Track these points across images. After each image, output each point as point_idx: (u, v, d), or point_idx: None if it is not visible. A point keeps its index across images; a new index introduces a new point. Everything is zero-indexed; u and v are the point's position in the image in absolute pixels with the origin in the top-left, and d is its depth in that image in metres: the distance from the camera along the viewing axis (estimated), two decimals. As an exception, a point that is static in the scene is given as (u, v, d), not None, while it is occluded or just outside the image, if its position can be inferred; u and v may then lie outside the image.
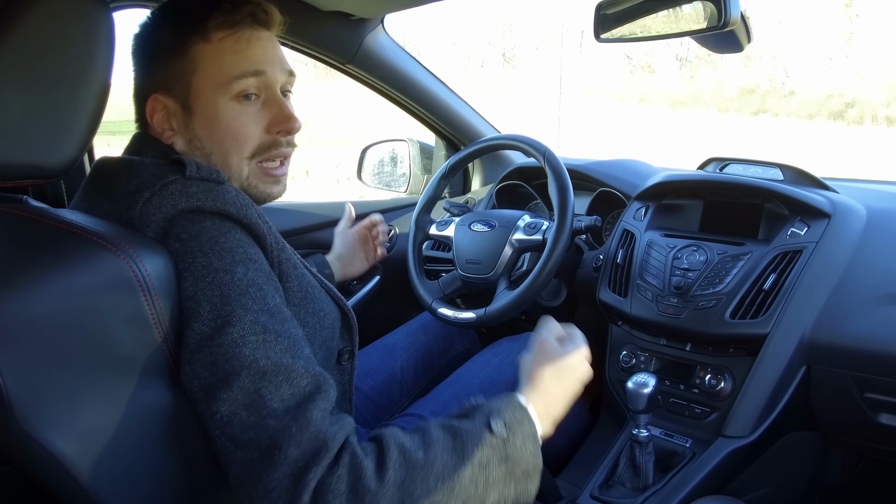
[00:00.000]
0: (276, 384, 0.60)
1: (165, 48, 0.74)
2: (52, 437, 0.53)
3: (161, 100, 0.75)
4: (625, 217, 1.32)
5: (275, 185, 0.81)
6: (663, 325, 1.16)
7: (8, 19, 0.57)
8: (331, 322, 0.81)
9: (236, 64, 0.74)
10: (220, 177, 0.71)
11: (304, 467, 0.57)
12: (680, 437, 1.12)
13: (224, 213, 0.67)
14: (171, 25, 0.75)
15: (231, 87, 0.74)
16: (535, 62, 22.43)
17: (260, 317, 0.63)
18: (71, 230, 0.60)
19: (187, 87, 0.75)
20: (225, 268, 0.64)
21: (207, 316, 0.62)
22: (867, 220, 1.13)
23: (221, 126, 0.75)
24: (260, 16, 0.76)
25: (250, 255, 0.67)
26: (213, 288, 0.63)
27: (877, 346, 0.97)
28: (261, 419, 0.58)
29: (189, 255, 0.64)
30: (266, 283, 0.67)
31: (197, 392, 0.61)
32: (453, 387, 1.12)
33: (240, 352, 0.60)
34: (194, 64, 0.74)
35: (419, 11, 10.98)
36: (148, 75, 0.77)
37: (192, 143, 0.76)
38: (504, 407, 0.73)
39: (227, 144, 0.76)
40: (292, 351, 0.63)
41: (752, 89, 16.04)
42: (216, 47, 0.74)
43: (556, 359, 0.82)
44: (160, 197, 0.66)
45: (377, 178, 1.93)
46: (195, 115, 0.75)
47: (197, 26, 0.73)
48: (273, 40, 0.79)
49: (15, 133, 0.58)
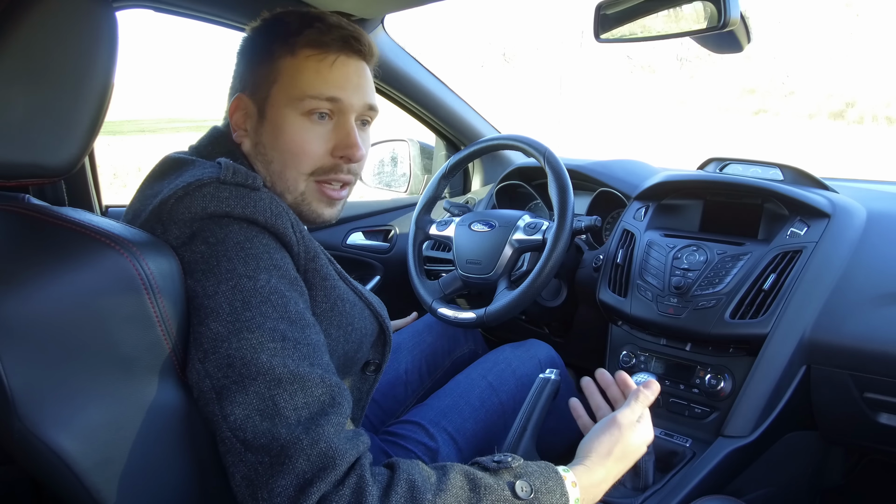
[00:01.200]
0: (290, 392, 0.60)
1: (258, 53, 0.79)
2: (55, 434, 0.53)
3: (244, 100, 0.79)
4: (625, 217, 1.32)
5: (328, 207, 0.82)
6: (663, 325, 1.16)
7: (11, 19, 0.57)
8: (359, 336, 0.81)
9: (314, 84, 0.76)
10: (256, 182, 0.71)
11: (309, 480, 0.58)
12: (680, 436, 1.13)
13: (251, 220, 0.68)
14: (268, 34, 0.79)
15: (304, 103, 0.76)
16: (534, 62, 22.43)
17: (280, 325, 0.63)
18: (74, 228, 0.60)
19: (266, 93, 0.78)
20: (249, 273, 0.64)
21: (227, 318, 0.62)
22: (867, 220, 1.13)
23: (285, 138, 0.77)
24: (351, 43, 0.78)
25: (276, 260, 0.67)
26: (236, 292, 0.63)
27: (876, 345, 0.97)
28: (273, 427, 0.59)
29: (214, 258, 0.64)
30: (290, 289, 0.67)
31: (208, 392, 0.61)
32: (452, 395, 1.11)
33: (257, 357, 0.61)
34: (277, 74, 0.77)
35: (419, 11, 10.95)
36: (240, 75, 0.81)
37: (258, 147, 0.79)
38: (537, 471, 0.69)
39: (287, 157, 0.78)
40: (310, 359, 0.63)
41: (752, 89, 16.03)
42: (300, 63, 0.76)
43: (627, 443, 0.79)
44: (192, 198, 0.66)
45: (377, 178, 1.94)
46: (267, 121, 0.78)
47: (288, 39, 0.77)
48: (361, 70, 0.81)
49: (18, 132, 0.58)
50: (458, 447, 1.03)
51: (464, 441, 1.04)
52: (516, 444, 0.94)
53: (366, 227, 1.76)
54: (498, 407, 1.10)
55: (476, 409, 1.08)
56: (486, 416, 1.08)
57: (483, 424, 1.08)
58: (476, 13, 31.68)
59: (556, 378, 0.99)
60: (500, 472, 0.67)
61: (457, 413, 1.07)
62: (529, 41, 25.13)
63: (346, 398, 0.65)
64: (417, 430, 1.03)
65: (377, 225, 1.77)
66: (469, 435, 1.05)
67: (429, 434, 1.02)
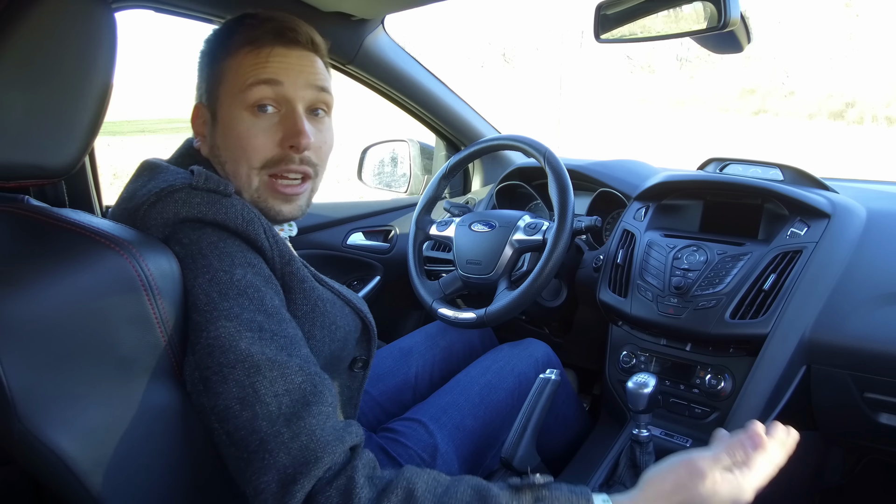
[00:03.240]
0: (270, 379, 0.61)
1: (207, 63, 0.81)
2: (55, 435, 0.53)
3: (201, 108, 0.81)
4: (625, 217, 1.32)
5: (285, 204, 0.80)
6: (663, 325, 1.16)
7: (10, 19, 0.57)
8: (343, 335, 0.81)
9: (251, 73, 0.76)
10: (228, 189, 0.71)
11: (292, 476, 0.57)
12: (680, 437, 1.13)
13: (222, 225, 0.69)
14: (212, 42, 0.81)
15: (246, 95, 0.76)
16: (534, 62, 22.43)
17: (256, 316, 0.64)
18: (74, 229, 0.60)
19: (216, 96, 0.79)
20: (224, 268, 0.65)
21: (204, 307, 0.63)
22: (867, 220, 1.13)
23: (233, 134, 0.77)
24: (286, 34, 0.78)
25: (249, 259, 0.69)
26: (213, 284, 0.64)
27: (876, 345, 0.97)
28: (254, 418, 0.59)
29: (189, 256, 0.66)
30: (265, 285, 0.68)
31: (197, 383, 0.62)
32: (452, 392, 1.11)
33: (236, 344, 0.61)
34: (221, 75, 0.78)
35: (419, 12, 10.91)
36: (197, 86, 0.83)
37: (213, 150, 0.80)
38: (564, 495, 0.63)
39: (237, 153, 0.77)
40: (288, 349, 0.64)
41: (752, 89, 16.02)
42: (239, 60, 0.77)
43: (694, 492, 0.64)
44: (164, 203, 0.67)
45: (377, 179, 1.94)
46: (218, 123, 0.79)
47: (225, 41, 0.78)
48: (304, 57, 0.79)
49: (18, 133, 0.58)
50: (457, 444, 1.03)
51: (463, 437, 1.04)
52: (516, 444, 0.94)
53: (366, 227, 1.76)
54: (497, 404, 1.11)
55: (476, 406, 1.09)
56: (485, 413, 1.09)
57: (482, 421, 1.08)
58: (476, 13, 31.70)
59: (556, 378, 0.99)
60: (522, 490, 0.63)
61: (456, 410, 1.07)
62: (529, 41, 25.13)
63: (329, 388, 0.65)
64: (417, 427, 1.03)
65: (377, 225, 1.77)
66: (468, 431, 1.05)
67: (428, 431, 1.02)
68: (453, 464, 1.01)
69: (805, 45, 16.55)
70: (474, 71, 22.49)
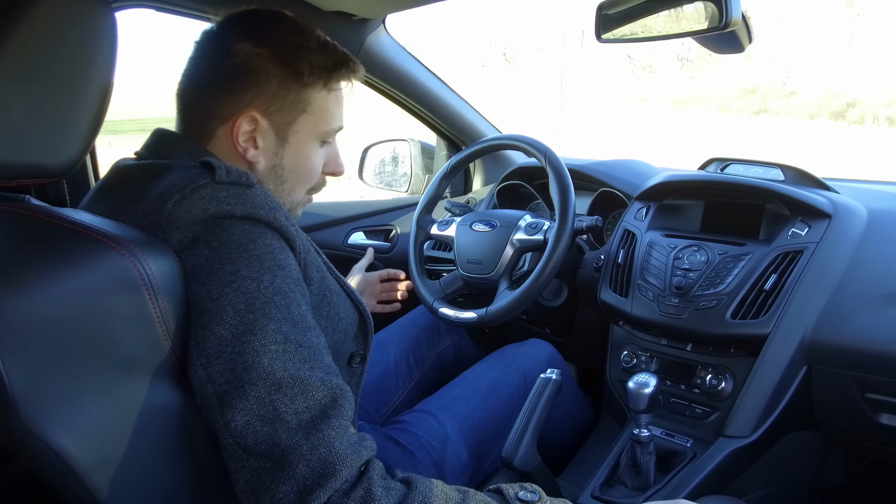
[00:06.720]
0: (291, 397, 0.60)
1: (283, 77, 0.76)
2: (56, 434, 0.53)
3: (257, 118, 0.77)
4: (626, 217, 1.32)
5: (301, 209, 0.89)
6: (664, 325, 1.16)
7: (10, 19, 0.57)
8: (344, 326, 0.81)
9: (337, 118, 0.83)
10: (250, 180, 0.71)
11: (310, 487, 0.57)
12: (681, 436, 1.13)
13: (255, 218, 0.67)
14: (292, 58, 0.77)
15: (325, 132, 0.82)
16: (535, 62, 22.43)
17: (282, 326, 0.63)
18: (75, 229, 0.60)
19: (291, 119, 0.79)
20: (252, 275, 0.64)
21: (230, 321, 0.62)
22: (868, 220, 1.13)
23: (307, 165, 0.82)
24: (358, 73, 0.83)
25: (279, 261, 0.67)
26: (239, 294, 0.63)
27: (877, 346, 0.97)
28: (274, 432, 0.59)
29: (218, 261, 0.64)
30: (293, 290, 0.67)
31: (210, 398, 0.61)
32: (460, 386, 1.15)
33: (259, 361, 0.60)
34: (307, 104, 0.79)
35: (420, 12, 10.95)
36: (248, 92, 0.76)
37: (276, 169, 0.81)
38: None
39: (304, 178, 0.83)
40: (311, 361, 0.63)
41: (753, 89, 16.02)
42: (334, 98, 0.81)
43: None
44: (190, 201, 0.65)
45: (378, 178, 1.93)
46: (288, 146, 0.80)
47: (323, 75, 0.79)
48: None
49: (18, 132, 0.58)
50: (466, 433, 1.06)
51: (472, 427, 1.08)
52: (517, 443, 0.94)
53: (367, 226, 1.76)
54: (504, 397, 1.14)
55: (484, 399, 1.12)
56: (492, 405, 1.12)
57: (490, 413, 1.11)
58: (476, 13, 31.69)
59: (558, 378, 0.99)
60: (541, 499, 0.66)
61: (464, 402, 1.11)
62: (530, 41, 25.14)
63: (349, 400, 0.65)
64: (426, 417, 1.06)
65: (378, 225, 1.78)
66: (477, 422, 1.09)
67: (438, 420, 1.06)
68: (462, 452, 1.04)
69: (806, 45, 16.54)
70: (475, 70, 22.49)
